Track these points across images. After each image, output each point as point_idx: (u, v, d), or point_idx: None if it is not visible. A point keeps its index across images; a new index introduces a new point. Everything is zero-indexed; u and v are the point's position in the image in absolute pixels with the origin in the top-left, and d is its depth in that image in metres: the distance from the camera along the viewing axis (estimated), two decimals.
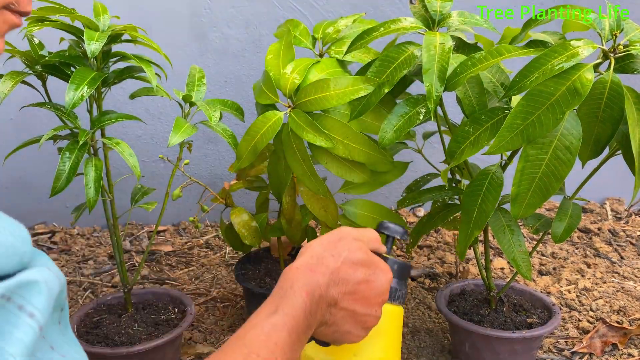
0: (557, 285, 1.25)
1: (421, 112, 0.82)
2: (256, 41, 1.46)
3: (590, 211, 1.63)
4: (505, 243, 0.87)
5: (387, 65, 0.82)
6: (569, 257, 1.38)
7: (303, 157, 0.88)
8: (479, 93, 0.83)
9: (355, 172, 0.91)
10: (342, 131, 0.86)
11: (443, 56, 0.78)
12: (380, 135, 0.82)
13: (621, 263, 1.36)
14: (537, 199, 0.74)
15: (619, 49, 0.72)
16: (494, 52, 0.76)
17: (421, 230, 0.98)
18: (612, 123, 0.72)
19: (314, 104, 0.84)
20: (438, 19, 0.85)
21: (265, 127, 0.87)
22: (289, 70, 0.88)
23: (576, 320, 1.12)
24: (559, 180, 0.72)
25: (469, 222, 0.80)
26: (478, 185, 0.80)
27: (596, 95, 0.71)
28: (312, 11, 1.44)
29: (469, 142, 0.77)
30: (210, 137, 1.50)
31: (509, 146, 0.71)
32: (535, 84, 0.69)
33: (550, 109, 0.69)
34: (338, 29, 0.99)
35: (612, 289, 1.23)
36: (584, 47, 0.70)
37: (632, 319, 1.12)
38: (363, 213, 1.02)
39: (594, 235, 1.50)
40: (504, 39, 0.93)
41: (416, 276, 1.28)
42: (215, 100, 0.99)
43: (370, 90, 0.82)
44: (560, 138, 0.72)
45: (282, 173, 0.96)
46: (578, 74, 0.68)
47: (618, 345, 1.04)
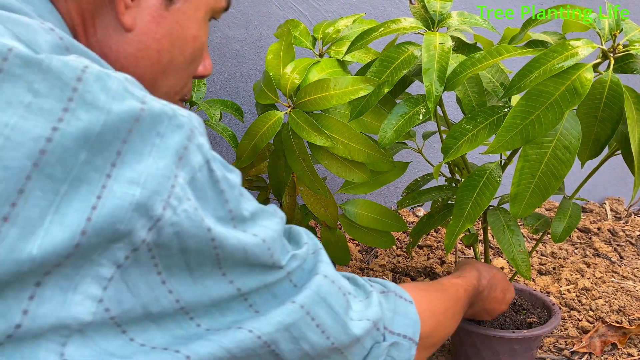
0: (556, 284, 1.25)
1: (421, 112, 0.82)
2: (256, 41, 1.46)
3: (589, 211, 1.63)
4: (505, 243, 0.88)
5: (387, 65, 0.83)
6: (568, 257, 1.38)
7: (303, 157, 0.88)
8: (479, 93, 0.83)
9: (355, 172, 0.91)
10: (342, 131, 0.86)
11: (443, 56, 0.78)
12: (380, 135, 0.82)
13: (620, 263, 1.36)
14: (536, 199, 0.74)
15: (619, 48, 0.72)
16: (494, 52, 0.76)
17: (421, 230, 0.99)
18: (612, 123, 0.73)
19: (314, 104, 0.84)
20: (438, 19, 0.85)
21: (265, 127, 0.87)
22: (289, 70, 0.88)
23: (576, 319, 1.12)
24: (558, 179, 0.73)
25: (461, 215, 0.80)
26: (475, 180, 0.80)
27: (595, 95, 0.72)
28: (312, 11, 1.45)
29: (466, 138, 0.77)
30: (211, 137, 1.50)
31: (508, 146, 0.72)
32: (535, 83, 0.70)
33: (550, 108, 0.69)
34: (338, 29, 0.99)
35: (612, 289, 1.23)
36: (583, 47, 0.70)
37: (631, 318, 1.12)
38: (363, 213, 1.02)
39: (593, 235, 1.50)
40: (504, 39, 0.93)
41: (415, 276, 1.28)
42: (215, 101, 0.99)
43: (370, 90, 0.82)
44: (559, 138, 0.72)
45: (282, 173, 0.96)
46: (577, 74, 0.69)
47: (617, 344, 1.04)
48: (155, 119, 0.42)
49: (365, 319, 0.57)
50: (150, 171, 0.41)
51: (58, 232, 0.37)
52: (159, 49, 0.57)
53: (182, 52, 0.59)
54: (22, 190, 0.37)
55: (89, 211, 0.38)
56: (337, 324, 0.53)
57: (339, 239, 1.06)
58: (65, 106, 0.39)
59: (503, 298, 0.89)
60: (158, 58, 0.57)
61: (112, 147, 0.40)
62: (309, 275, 0.53)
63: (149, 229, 0.41)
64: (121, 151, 0.40)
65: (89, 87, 0.40)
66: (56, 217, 0.38)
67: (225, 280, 0.47)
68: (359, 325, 0.56)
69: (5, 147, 0.36)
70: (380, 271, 1.29)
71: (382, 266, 1.31)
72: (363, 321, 0.56)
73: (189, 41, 0.59)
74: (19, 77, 0.38)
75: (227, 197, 0.46)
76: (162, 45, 0.57)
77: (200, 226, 0.43)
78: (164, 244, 0.42)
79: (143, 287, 0.42)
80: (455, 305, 0.75)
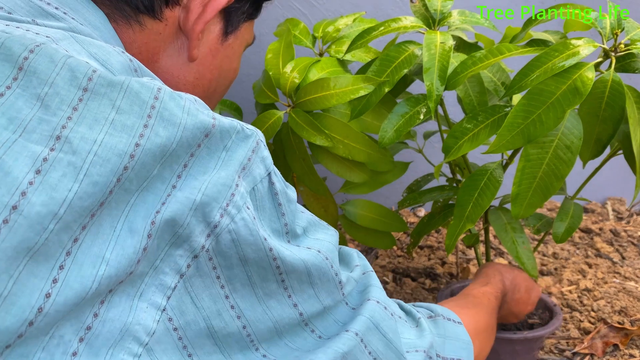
0: (558, 285, 1.25)
1: (422, 111, 0.82)
2: (256, 40, 1.45)
3: (591, 211, 1.63)
4: (508, 241, 0.87)
5: (388, 64, 0.82)
6: (570, 258, 1.38)
7: (303, 157, 0.88)
8: (480, 92, 0.83)
9: (355, 172, 0.90)
10: (342, 131, 0.85)
11: (444, 55, 0.78)
12: (381, 135, 0.82)
13: (622, 263, 1.35)
14: (537, 199, 0.74)
15: (620, 48, 0.72)
16: (495, 51, 0.75)
17: (422, 230, 0.98)
18: (613, 122, 0.72)
19: (314, 104, 0.84)
20: (438, 18, 0.84)
21: (265, 127, 0.87)
22: (288, 70, 0.88)
23: (577, 320, 1.12)
24: (560, 179, 0.72)
25: (462, 216, 0.80)
26: (476, 180, 0.80)
27: (597, 94, 0.71)
28: (312, 10, 1.44)
29: (467, 138, 0.77)
30: None
31: (509, 145, 0.71)
32: (536, 82, 0.69)
33: (551, 108, 0.69)
34: (338, 28, 0.99)
35: (614, 290, 1.23)
36: (584, 46, 0.70)
37: (633, 319, 1.11)
38: (363, 213, 1.02)
39: (595, 235, 1.49)
40: (505, 38, 0.93)
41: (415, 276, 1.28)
42: None
43: (370, 89, 0.82)
44: (561, 137, 0.72)
45: (282, 173, 0.95)
46: (579, 73, 0.68)
47: (619, 345, 1.03)
48: (224, 134, 0.44)
49: (415, 350, 0.56)
50: (212, 180, 0.42)
51: (127, 238, 0.39)
52: (211, 78, 0.63)
53: (225, 82, 0.66)
54: (103, 203, 0.38)
55: (153, 216, 0.40)
56: (390, 351, 0.53)
57: (339, 240, 1.05)
58: (145, 122, 0.40)
59: (528, 298, 0.88)
60: (209, 86, 0.63)
61: (180, 160, 0.42)
62: (361, 298, 0.53)
63: (207, 235, 0.42)
64: (187, 164, 0.42)
65: (165, 104, 0.41)
66: (125, 225, 0.39)
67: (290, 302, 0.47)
68: (411, 358, 0.55)
69: (95, 164, 0.38)
70: (381, 272, 1.28)
71: (382, 267, 1.31)
72: (412, 353, 0.55)
73: (231, 72, 0.67)
74: (103, 96, 0.40)
75: (284, 210, 0.48)
76: (214, 75, 0.63)
77: (257, 235, 0.44)
78: (222, 251, 0.43)
79: (206, 299, 0.43)
80: (491, 317, 0.74)
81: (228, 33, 0.62)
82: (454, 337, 0.62)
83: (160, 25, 0.56)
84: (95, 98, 0.40)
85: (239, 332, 0.45)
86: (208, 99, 0.64)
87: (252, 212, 0.44)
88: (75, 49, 0.43)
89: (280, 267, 0.46)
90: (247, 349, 0.46)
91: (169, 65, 0.59)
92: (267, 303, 0.46)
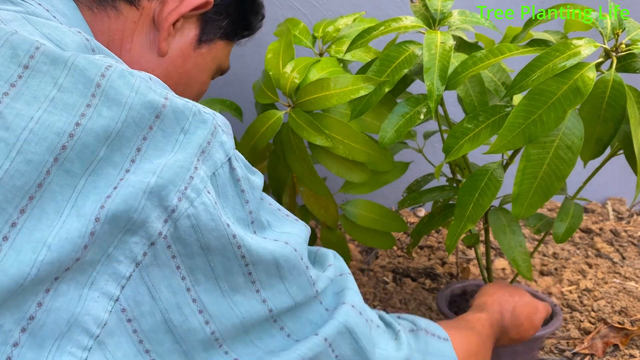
0: (558, 285, 1.25)
1: (422, 111, 0.81)
2: (256, 40, 1.45)
3: (591, 211, 1.63)
4: (506, 243, 0.87)
5: (388, 64, 0.82)
6: (570, 258, 1.38)
7: (303, 157, 0.88)
8: (480, 92, 0.83)
9: (355, 172, 0.90)
10: (343, 131, 0.85)
11: (444, 55, 0.78)
12: (381, 135, 0.82)
13: (623, 263, 1.35)
14: (538, 199, 0.73)
15: (621, 48, 0.72)
16: (495, 51, 0.75)
17: (422, 230, 0.98)
18: (614, 122, 0.72)
19: (314, 104, 0.84)
20: (439, 17, 0.84)
21: (265, 127, 0.87)
22: (288, 70, 0.88)
23: (577, 321, 1.12)
24: (561, 180, 0.72)
25: (463, 216, 0.80)
26: (477, 181, 0.79)
27: (598, 94, 0.71)
28: (312, 10, 1.44)
29: (467, 138, 0.77)
30: None
31: (510, 145, 0.71)
32: (537, 83, 0.69)
33: (552, 108, 0.68)
34: (338, 27, 0.98)
35: (614, 290, 1.23)
36: (585, 46, 0.70)
37: (633, 319, 1.11)
38: (363, 213, 1.01)
39: (595, 235, 1.49)
40: (506, 38, 0.92)
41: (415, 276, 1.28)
42: (214, 100, 0.99)
43: (370, 89, 0.81)
44: (562, 137, 0.71)
45: (282, 173, 0.95)
46: (580, 73, 0.68)
47: (619, 346, 1.03)
48: (179, 115, 0.42)
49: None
50: (169, 162, 0.40)
51: (73, 222, 0.37)
52: (177, 81, 0.63)
53: (192, 92, 0.67)
54: (41, 185, 0.37)
55: (104, 200, 0.38)
56: (358, 357, 0.50)
57: (339, 240, 1.05)
58: (89, 102, 0.39)
59: (530, 324, 0.84)
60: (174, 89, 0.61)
61: (131, 144, 0.40)
62: (336, 300, 0.51)
63: (165, 220, 0.40)
64: (141, 148, 0.40)
65: (112, 83, 0.40)
66: (73, 211, 0.38)
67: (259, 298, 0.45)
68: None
69: (30, 141, 0.37)
70: (381, 272, 1.28)
71: (382, 267, 1.31)
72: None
73: (199, 85, 0.67)
74: (45, 74, 0.39)
75: (247, 197, 0.45)
76: (182, 79, 0.64)
77: (219, 221, 0.41)
78: (181, 238, 0.41)
79: (164, 290, 0.41)
80: (484, 344, 0.73)
81: (202, 41, 0.64)
82: (437, 353, 0.59)
83: (136, 13, 0.57)
84: (36, 76, 0.39)
85: (201, 328, 0.42)
86: None
87: (213, 197, 0.42)
88: (27, 30, 0.43)
89: (245, 256, 0.43)
90: (212, 348, 0.43)
91: (139, 55, 0.59)
92: (233, 298, 0.43)
